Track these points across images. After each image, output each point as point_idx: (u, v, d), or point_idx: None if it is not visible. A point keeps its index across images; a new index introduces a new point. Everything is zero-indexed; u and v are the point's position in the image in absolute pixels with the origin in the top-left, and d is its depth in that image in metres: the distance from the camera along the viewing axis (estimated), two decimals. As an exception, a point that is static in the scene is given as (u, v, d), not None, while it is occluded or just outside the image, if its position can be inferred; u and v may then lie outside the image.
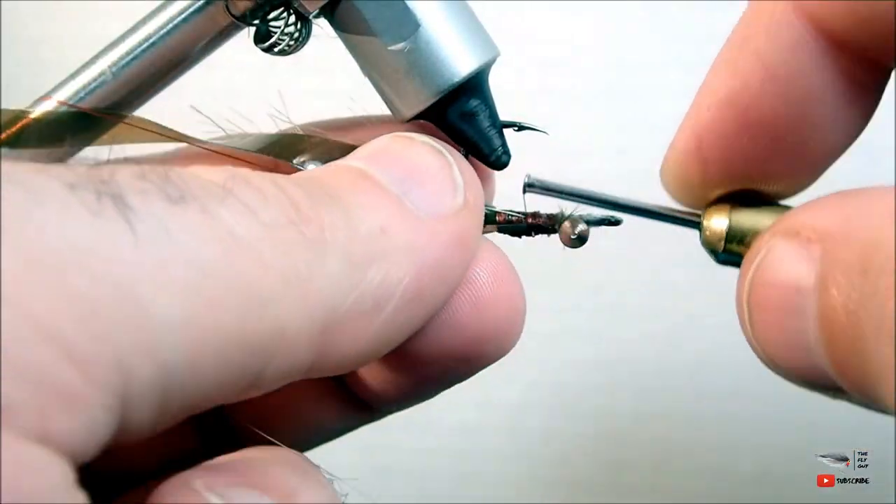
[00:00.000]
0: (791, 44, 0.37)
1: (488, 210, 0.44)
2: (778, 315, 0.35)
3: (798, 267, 0.34)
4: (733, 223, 0.40)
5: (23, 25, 0.99)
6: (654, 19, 0.90)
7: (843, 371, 0.33)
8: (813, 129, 0.39)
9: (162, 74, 0.44)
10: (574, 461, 1.03)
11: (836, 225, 0.33)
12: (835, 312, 0.32)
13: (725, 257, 0.41)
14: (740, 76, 0.39)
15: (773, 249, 0.35)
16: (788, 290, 0.34)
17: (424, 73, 0.41)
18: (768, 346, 0.37)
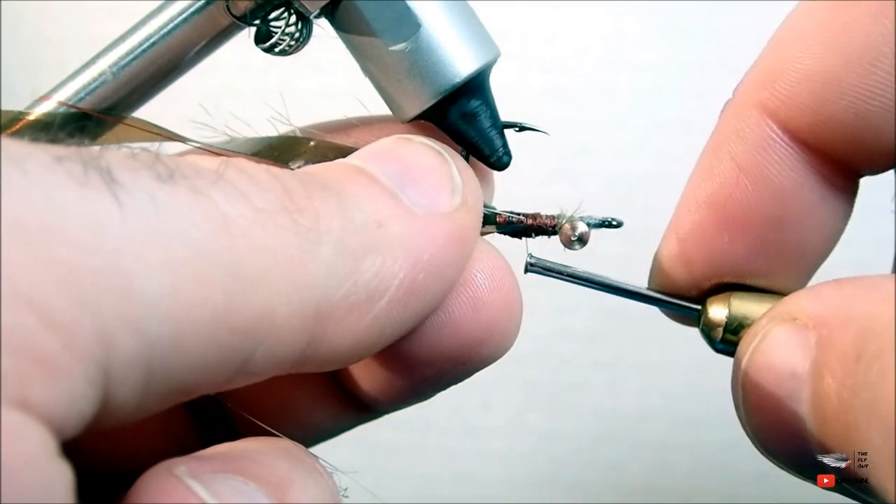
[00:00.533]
0: (760, 144, 0.39)
1: (488, 211, 0.44)
2: (772, 400, 0.35)
3: (794, 353, 0.34)
4: (733, 312, 0.40)
5: (23, 25, 0.99)
6: (653, 19, 0.90)
7: None
8: (791, 225, 0.40)
9: (162, 75, 0.44)
10: (574, 461, 1.03)
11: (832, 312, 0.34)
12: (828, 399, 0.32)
13: (723, 347, 0.41)
14: (716, 177, 0.40)
15: (769, 334, 0.36)
16: (784, 375, 0.34)
17: (425, 74, 0.41)
18: (761, 431, 0.37)
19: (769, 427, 0.36)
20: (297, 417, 0.45)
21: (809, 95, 0.37)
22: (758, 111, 0.39)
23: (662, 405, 1.00)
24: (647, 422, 1.01)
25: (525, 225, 0.44)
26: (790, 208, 0.39)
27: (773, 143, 0.39)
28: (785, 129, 0.38)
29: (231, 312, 0.28)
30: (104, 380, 0.26)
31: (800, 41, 0.38)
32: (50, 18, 0.99)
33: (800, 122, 0.38)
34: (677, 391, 0.99)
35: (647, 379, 0.99)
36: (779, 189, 0.39)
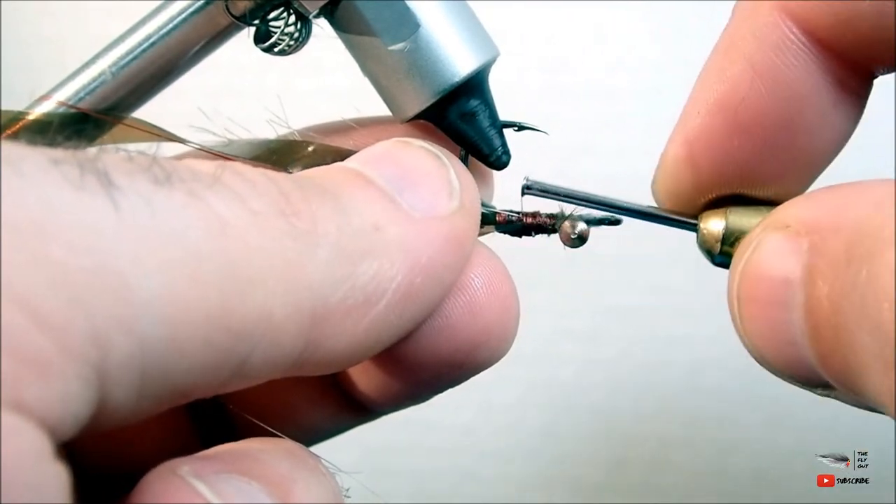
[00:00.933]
0: (777, 45, 0.38)
1: (488, 210, 0.44)
2: (766, 308, 0.35)
3: (786, 259, 0.34)
4: (730, 225, 0.40)
5: (23, 25, 0.99)
6: (653, 19, 0.90)
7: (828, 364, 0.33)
8: (802, 130, 0.39)
9: (162, 75, 0.44)
10: (574, 461, 1.03)
11: (825, 217, 0.33)
12: (820, 303, 0.32)
13: (721, 259, 0.41)
14: (729, 79, 0.39)
15: (762, 243, 0.35)
16: (776, 283, 0.34)
17: (424, 73, 0.41)
18: (756, 340, 0.37)
19: (764, 336, 0.36)
20: (295, 418, 0.45)
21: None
22: (776, 10, 0.37)
23: (662, 405, 1.00)
24: (647, 421, 1.01)
25: (524, 224, 0.44)
26: (803, 113, 0.38)
27: (791, 45, 0.37)
28: (804, 29, 0.37)
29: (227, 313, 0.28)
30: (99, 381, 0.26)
31: None
32: (50, 18, 0.99)
33: (819, 21, 0.36)
34: (677, 391, 0.99)
35: (646, 378, 0.99)
36: (794, 93, 0.38)
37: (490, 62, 0.42)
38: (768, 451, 0.99)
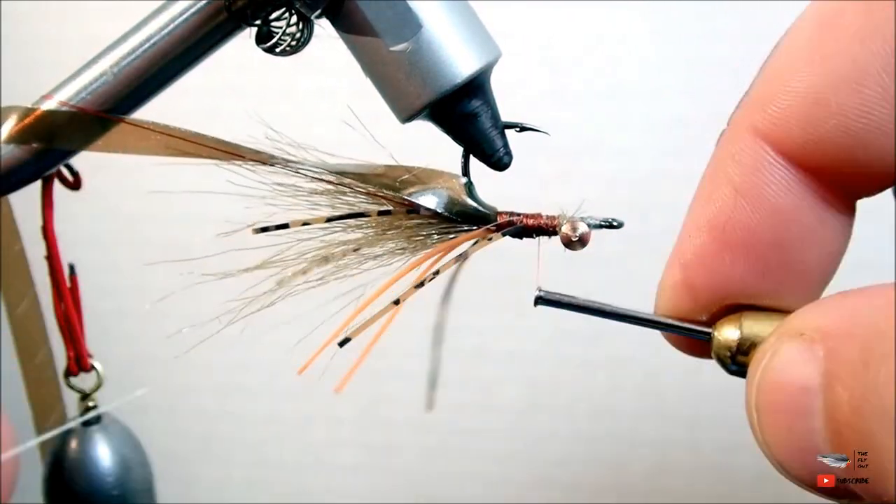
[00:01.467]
0: (755, 166, 0.40)
1: (489, 212, 0.44)
2: (786, 416, 0.35)
3: (804, 367, 0.34)
4: (744, 333, 0.40)
5: (23, 25, 0.99)
6: (654, 19, 0.90)
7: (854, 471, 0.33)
8: (791, 246, 0.40)
9: (163, 74, 0.44)
10: (574, 461, 1.03)
11: (838, 323, 0.34)
12: (840, 408, 0.33)
13: (736, 368, 0.41)
14: (714, 202, 0.41)
15: (778, 352, 0.36)
16: (795, 391, 0.35)
17: (426, 74, 0.41)
18: (778, 449, 0.37)
19: (786, 445, 0.36)
20: None
21: (799, 116, 0.38)
22: (751, 134, 0.40)
23: (662, 405, 1.00)
24: (647, 422, 1.01)
25: (525, 225, 0.44)
26: (789, 230, 0.40)
27: (768, 165, 0.39)
28: (779, 150, 0.39)
29: None
30: None
31: (789, 64, 0.39)
32: (50, 18, 0.99)
33: (792, 142, 0.39)
34: (677, 391, 0.99)
35: (647, 379, 0.99)
36: (777, 210, 0.39)
37: (492, 63, 0.42)
38: (768, 451, 0.99)
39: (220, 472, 1.10)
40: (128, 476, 0.56)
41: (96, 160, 0.45)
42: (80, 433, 0.56)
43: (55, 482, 0.55)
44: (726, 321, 0.41)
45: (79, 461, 0.55)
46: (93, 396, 0.56)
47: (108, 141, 0.44)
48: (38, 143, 0.44)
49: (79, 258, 0.54)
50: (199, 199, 0.88)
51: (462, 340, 1.00)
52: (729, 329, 0.40)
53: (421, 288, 0.44)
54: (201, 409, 1.08)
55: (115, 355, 1.06)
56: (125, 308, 1.06)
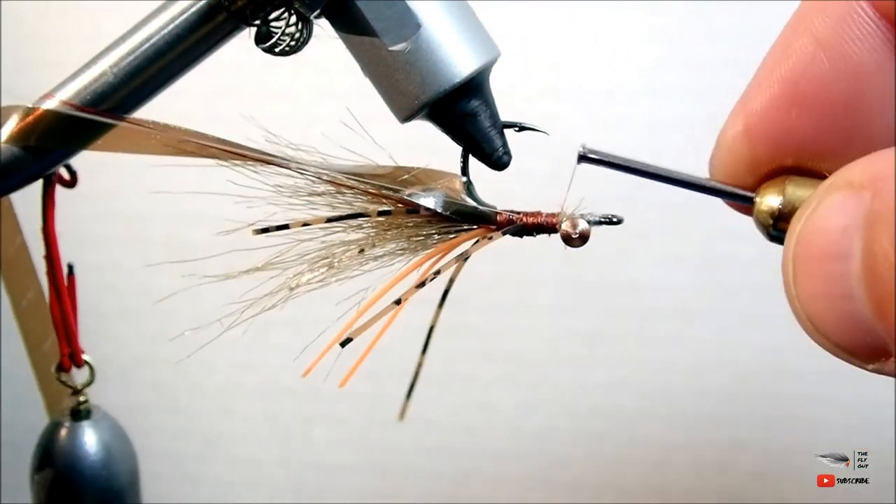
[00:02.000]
0: (844, 18, 0.38)
1: (489, 210, 0.44)
2: (822, 262, 0.34)
3: (847, 212, 0.33)
4: (788, 197, 0.38)
5: (23, 25, 0.99)
6: (654, 19, 0.90)
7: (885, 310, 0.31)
8: (862, 109, 0.38)
9: (163, 74, 0.44)
10: (574, 461, 1.03)
11: (888, 168, 0.33)
12: (880, 246, 0.31)
13: (777, 233, 0.39)
14: (792, 52, 0.38)
15: (824, 200, 0.35)
16: (835, 234, 0.33)
17: (425, 74, 0.41)
18: (809, 300, 0.35)
19: (818, 294, 0.34)
20: None
21: None
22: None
23: (662, 405, 1.00)
24: (647, 422, 1.01)
25: (526, 223, 0.44)
26: (866, 92, 0.38)
27: (858, 18, 0.37)
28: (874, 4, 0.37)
29: None
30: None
31: None
32: (50, 18, 0.99)
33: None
34: (677, 391, 0.99)
35: (647, 379, 0.99)
36: (857, 69, 0.37)
37: (491, 63, 0.42)
38: (768, 451, 0.99)
39: (220, 472, 1.10)
40: (115, 470, 0.56)
41: (96, 160, 0.45)
42: (69, 426, 0.56)
43: (44, 475, 0.56)
44: (771, 185, 0.39)
45: (68, 454, 0.56)
46: (84, 392, 0.57)
47: (108, 140, 0.44)
48: (39, 142, 0.44)
49: (79, 258, 0.55)
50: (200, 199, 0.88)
51: (462, 340, 1.00)
52: (772, 194, 0.39)
53: (422, 288, 0.44)
54: (201, 408, 1.09)
55: (115, 355, 1.06)
56: (126, 308, 1.06)
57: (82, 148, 0.45)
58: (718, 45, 0.88)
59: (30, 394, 0.64)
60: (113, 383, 1.05)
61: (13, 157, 0.44)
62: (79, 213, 1.00)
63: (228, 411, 1.08)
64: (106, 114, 0.43)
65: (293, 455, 1.08)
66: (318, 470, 1.08)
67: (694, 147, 0.90)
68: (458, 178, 0.45)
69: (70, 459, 0.55)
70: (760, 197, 0.39)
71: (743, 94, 0.40)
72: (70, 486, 0.55)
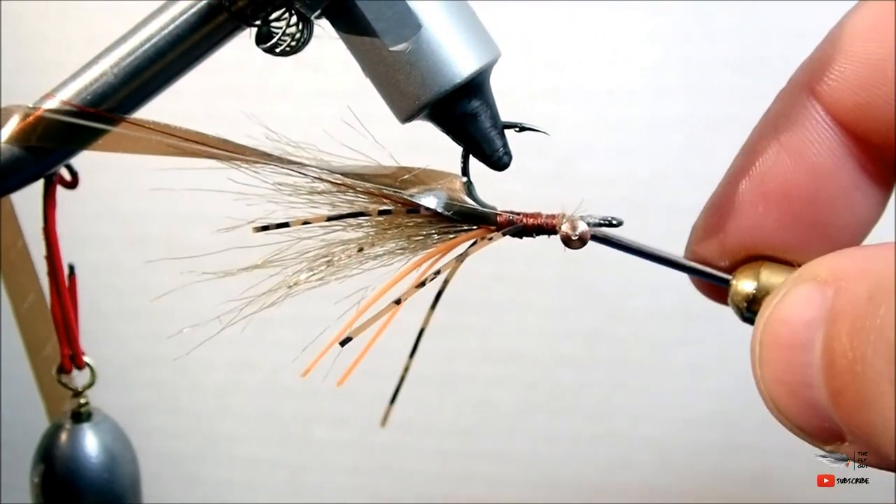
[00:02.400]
0: (804, 123, 0.41)
1: (489, 211, 0.44)
2: (786, 350, 0.36)
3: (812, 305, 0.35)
4: (762, 282, 0.41)
5: (23, 25, 0.99)
6: (653, 19, 0.90)
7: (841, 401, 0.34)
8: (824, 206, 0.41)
9: (163, 74, 0.44)
10: (574, 461, 1.03)
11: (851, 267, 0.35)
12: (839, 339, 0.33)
13: (750, 315, 0.41)
14: (757, 152, 0.42)
15: (790, 292, 0.37)
16: (798, 326, 0.36)
17: (426, 74, 0.41)
18: (773, 384, 0.38)
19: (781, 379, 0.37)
20: None
21: (855, 79, 0.39)
22: (805, 93, 0.41)
23: (662, 405, 1.00)
24: (647, 422, 1.01)
25: (525, 225, 0.44)
26: (825, 190, 0.41)
27: (816, 124, 0.41)
28: (829, 111, 0.40)
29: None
30: None
31: (850, 33, 0.40)
32: (50, 18, 0.99)
33: (843, 104, 0.40)
34: (677, 391, 0.99)
35: (647, 379, 1.00)
36: (816, 169, 0.41)
37: (491, 63, 0.42)
38: (768, 451, 0.99)
39: (220, 472, 1.10)
40: (116, 472, 0.56)
41: (96, 160, 0.45)
42: (70, 429, 0.56)
43: (45, 477, 0.56)
44: (746, 269, 0.42)
45: (68, 457, 0.55)
46: (85, 394, 0.57)
47: (109, 140, 0.44)
48: (40, 142, 0.44)
49: (79, 258, 0.55)
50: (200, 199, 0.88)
51: (462, 340, 1.00)
52: (747, 278, 0.41)
53: (422, 287, 0.44)
54: (201, 408, 1.09)
55: (115, 355, 1.06)
56: (126, 308, 1.06)
57: (83, 148, 0.45)
58: (718, 45, 0.88)
59: (30, 394, 0.64)
60: (113, 383, 1.05)
61: (14, 157, 0.44)
62: (79, 213, 1.00)
63: (228, 411, 1.08)
64: (106, 114, 0.43)
65: (293, 455, 1.08)
66: (317, 470, 1.08)
67: (694, 147, 0.91)
68: (459, 179, 0.45)
69: (70, 462, 0.55)
70: (736, 280, 0.42)
71: (715, 190, 0.44)
72: (70, 489, 0.55)
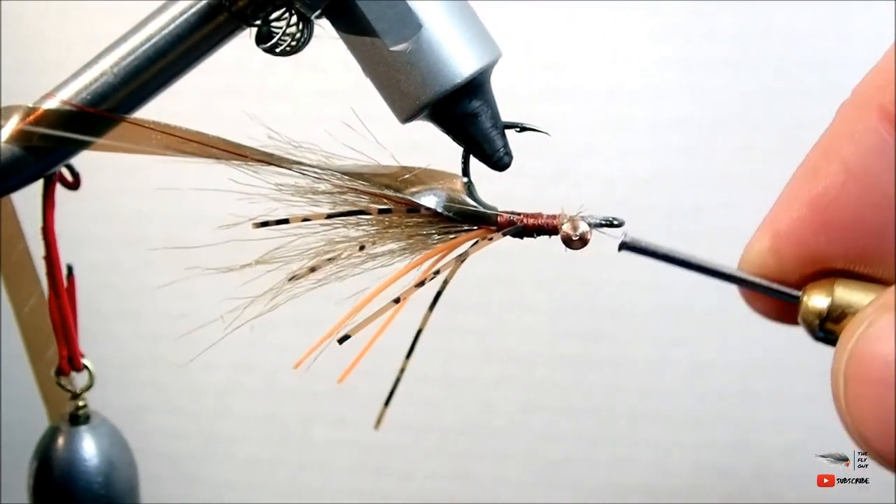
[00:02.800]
0: (874, 149, 0.38)
1: (489, 212, 0.44)
2: (876, 388, 0.34)
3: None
4: (836, 300, 0.39)
5: (23, 25, 0.99)
6: (653, 19, 0.90)
7: None
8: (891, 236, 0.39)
9: (163, 74, 0.44)
10: (574, 461, 1.03)
11: None
12: None
13: (823, 335, 0.39)
14: (822, 179, 0.39)
15: (875, 322, 0.35)
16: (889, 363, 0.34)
17: (426, 74, 0.41)
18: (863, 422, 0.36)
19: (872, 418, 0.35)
20: None
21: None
22: (877, 114, 0.38)
23: (664, 405, 1.00)
24: (648, 422, 1.01)
25: (526, 225, 0.44)
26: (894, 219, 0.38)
27: (889, 150, 0.38)
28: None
29: None
30: None
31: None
32: (50, 18, 0.99)
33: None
34: (677, 391, 0.99)
35: (647, 379, 0.99)
36: (887, 197, 0.38)
37: (492, 63, 0.42)
38: (768, 451, 0.99)
39: (220, 472, 1.10)
40: (113, 476, 0.56)
41: (96, 160, 0.45)
42: (67, 432, 0.56)
43: (41, 480, 0.56)
44: (817, 286, 0.40)
45: (65, 460, 0.55)
46: (83, 396, 0.56)
47: (109, 140, 0.44)
48: (40, 142, 0.44)
49: (78, 258, 0.55)
50: (200, 199, 0.88)
51: (462, 341, 1.00)
52: (819, 295, 0.39)
53: (421, 287, 0.44)
54: (201, 409, 1.09)
55: (114, 355, 1.06)
56: (125, 308, 1.06)
57: (83, 148, 0.45)
58: (718, 45, 0.88)
59: (30, 394, 0.64)
60: (113, 383, 1.05)
61: (14, 157, 0.44)
62: (78, 213, 1.00)
63: (228, 411, 1.08)
64: (106, 114, 0.43)
65: (293, 455, 1.08)
66: (317, 470, 1.08)
67: (694, 147, 0.91)
68: (459, 179, 0.45)
69: (66, 465, 0.55)
70: (807, 296, 0.40)
71: (770, 210, 0.41)
72: (65, 492, 0.55)
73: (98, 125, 0.44)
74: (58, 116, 0.43)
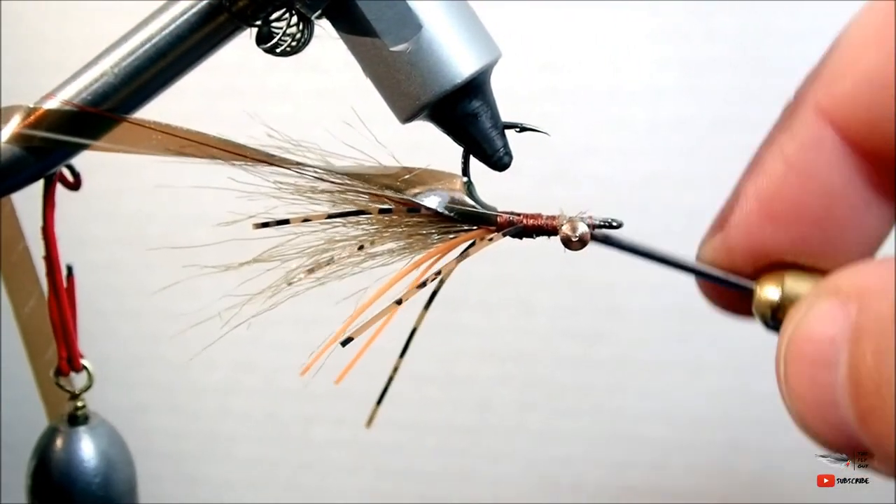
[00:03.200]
0: (812, 142, 0.40)
1: (489, 212, 0.44)
2: (811, 368, 0.36)
3: (835, 322, 0.35)
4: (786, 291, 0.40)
5: (23, 25, 0.99)
6: (653, 19, 0.90)
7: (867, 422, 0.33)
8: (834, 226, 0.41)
9: (163, 74, 0.44)
10: (574, 461, 1.03)
11: (874, 282, 0.35)
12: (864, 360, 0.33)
13: (775, 324, 0.41)
14: (764, 172, 0.41)
15: (813, 307, 0.37)
16: (823, 343, 0.35)
17: (426, 74, 0.41)
18: (799, 400, 0.37)
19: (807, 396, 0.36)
20: None
21: (864, 97, 0.38)
22: (812, 111, 0.40)
23: (662, 405, 1.00)
24: (647, 422, 1.01)
25: (525, 226, 0.44)
26: (834, 209, 0.40)
27: (824, 143, 0.40)
28: (838, 129, 0.40)
29: None
30: None
31: (858, 44, 0.39)
32: (50, 18, 0.99)
33: (852, 122, 0.39)
34: (677, 391, 0.99)
35: (647, 379, 1.00)
36: (825, 189, 0.40)
37: (492, 63, 0.42)
38: (768, 451, 0.99)
39: (220, 472, 1.10)
40: (111, 477, 0.56)
41: (96, 160, 0.45)
42: (65, 432, 0.56)
43: (40, 480, 0.56)
44: (769, 278, 0.41)
45: (64, 460, 0.55)
46: (82, 397, 0.56)
47: (109, 140, 0.44)
48: (40, 142, 0.44)
49: (78, 258, 0.55)
50: (200, 200, 0.88)
51: (461, 340, 1.00)
52: (771, 286, 0.41)
53: (423, 288, 0.44)
54: (201, 408, 1.09)
55: (115, 355, 1.06)
56: (125, 307, 1.06)
57: (83, 148, 0.45)
58: (718, 45, 0.88)
59: (30, 394, 0.64)
60: (113, 383, 1.05)
61: (14, 157, 0.44)
62: (78, 213, 1.00)
63: (228, 411, 1.08)
64: (107, 114, 0.43)
65: (293, 455, 1.08)
66: (317, 470, 1.08)
67: (694, 147, 0.91)
68: (459, 179, 0.45)
69: (66, 465, 0.55)
70: (760, 288, 0.41)
71: (721, 207, 0.43)
72: (63, 492, 0.55)
73: (99, 125, 0.44)
74: (58, 117, 0.43)
